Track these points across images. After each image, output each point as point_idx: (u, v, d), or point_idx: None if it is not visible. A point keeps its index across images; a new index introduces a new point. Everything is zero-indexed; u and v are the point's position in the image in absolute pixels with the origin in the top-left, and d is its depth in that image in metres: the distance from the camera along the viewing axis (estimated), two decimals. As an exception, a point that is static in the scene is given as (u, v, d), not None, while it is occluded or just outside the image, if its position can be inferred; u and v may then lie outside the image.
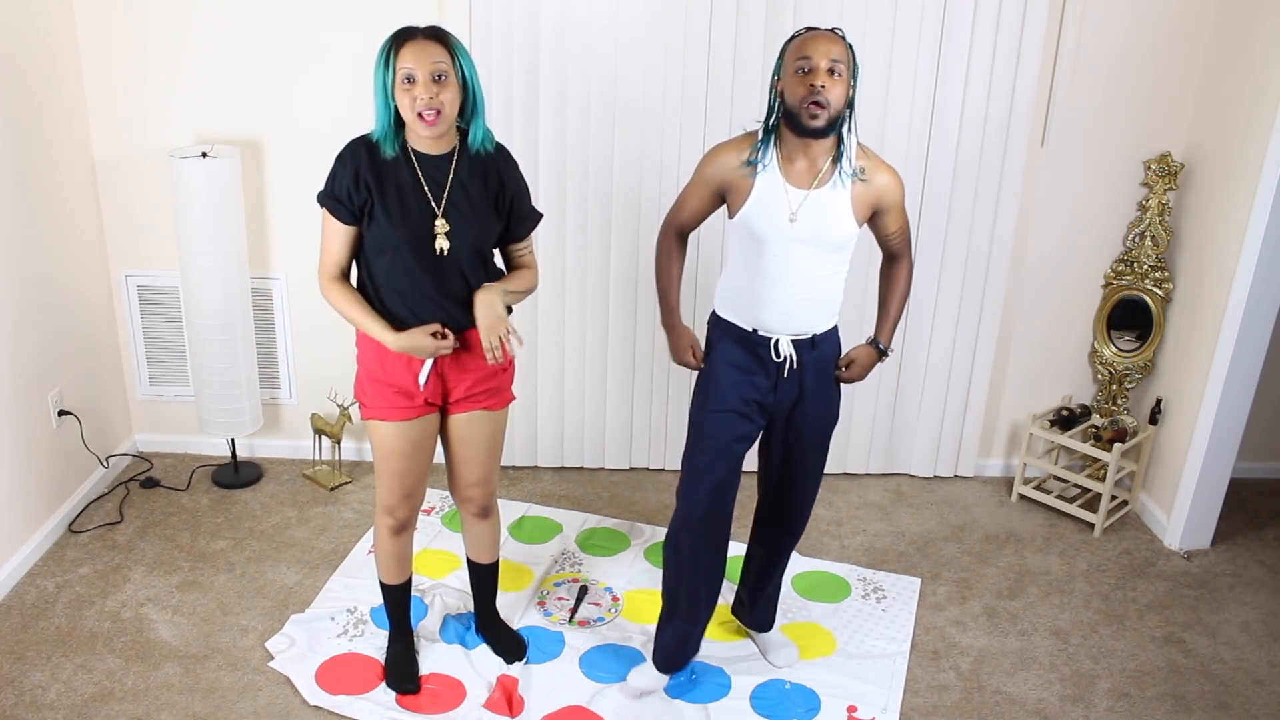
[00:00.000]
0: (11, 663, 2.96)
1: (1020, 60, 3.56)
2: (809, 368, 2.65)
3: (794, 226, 2.50)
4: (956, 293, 3.85)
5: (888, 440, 4.10)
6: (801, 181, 2.50)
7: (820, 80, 2.37)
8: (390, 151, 2.45)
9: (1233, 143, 3.49)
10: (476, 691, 2.90)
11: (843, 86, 2.40)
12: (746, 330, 2.63)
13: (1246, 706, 2.98)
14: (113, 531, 3.60)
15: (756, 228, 2.52)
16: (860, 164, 2.52)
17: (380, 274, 2.50)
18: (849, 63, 2.41)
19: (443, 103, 2.37)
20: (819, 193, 2.50)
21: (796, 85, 2.40)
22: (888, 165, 2.58)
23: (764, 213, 2.51)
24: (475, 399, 2.65)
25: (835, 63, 2.38)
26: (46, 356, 3.50)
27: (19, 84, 3.28)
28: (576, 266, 3.80)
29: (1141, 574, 3.59)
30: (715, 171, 2.58)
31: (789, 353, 2.62)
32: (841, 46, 2.40)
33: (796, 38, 2.45)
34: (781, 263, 2.53)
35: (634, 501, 3.92)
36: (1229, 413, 3.54)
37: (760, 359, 2.63)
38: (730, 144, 2.59)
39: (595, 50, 3.54)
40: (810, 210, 2.50)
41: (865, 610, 3.32)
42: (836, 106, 2.40)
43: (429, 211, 2.46)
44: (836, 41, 2.41)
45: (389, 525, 2.77)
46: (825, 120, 2.40)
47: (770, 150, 2.52)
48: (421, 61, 2.34)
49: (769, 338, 2.61)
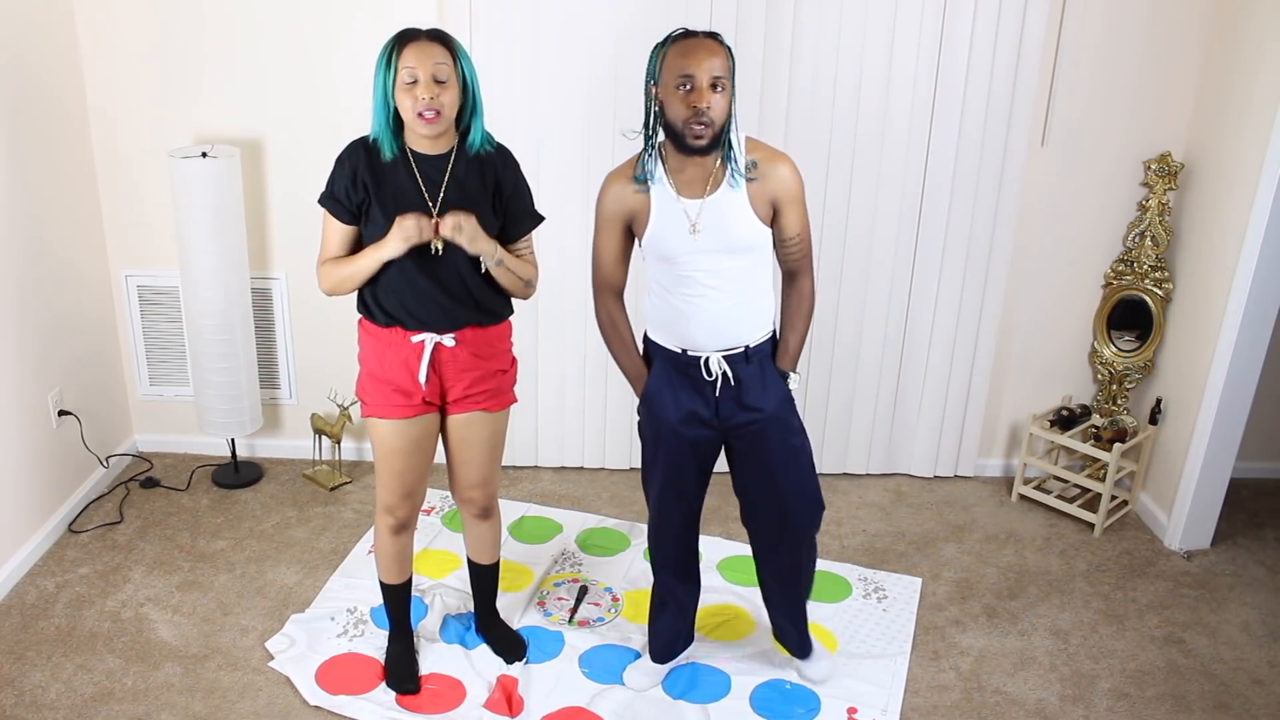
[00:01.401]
0: (11, 663, 2.96)
1: (1020, 60, 3.56)
2: (747, 382, 2.54)
3: (697, 238, 2.41)
4: (956, 292, 3.85)
5: (888, 440, 4.10)
6: (694, 191, 2.41)
7: (704, 101, 2.27)
8: (388, 153, 2.46)
9: (1233, 143, 3.49)
10: (476, 691, 2.90)
11: (726, 99, 2.30)
12: (676, 352, 2.55)
13: (1246, 706, 2.98)
14: (113, 531, 3.60)
15: (661, 247, 2.45)
16: (752, 158, 2.41)
17: (379, 272, 2.51)
18: (730, 71, 2.31)
19: (443, 103, 2.38)
20: (714, 198, 2.40)
21: (678, 104, 2.29)
22: (783, 155, 2.45)
23: (665, 230, 2.43)
24: (474, 400, 2.65)
25: (718, 78, 2.27)
26: (47, 356, 3.50)
27: (19, 84, 3.28)
28: (577, 266, 3.80)
29: (1141, 574, 3.59)
30: (614, 206, 2.48)
31: (720, 369, 2.52)
32: (723, 57, 2.29)
33: (673, 41, 2.32)
34: (695, 276, 2.44)
35: (634, 501, 3.91)
36: (1229, 413, 3.54)
37: (693, 379, 2.55)
38: (615, 173, 2.49)
39: (596, 51, 3.54)
40: (709, 218, 2.40)
41: (866, 610, 3.32)
42: (720, 121, 2.31)
43: (424, 211, 2.46)
44: (718, 52, 2.29)
45: (389, 525, 2.77)
46: (710, 138, 2.31)
47: (657, 163, 2.42)
48: (424, 62, 2.35)
49: (698, 356, 2.52)
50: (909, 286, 3.85)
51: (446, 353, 2.57)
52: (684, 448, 2.62)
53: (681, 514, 2.74)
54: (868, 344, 3.92)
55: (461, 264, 2.51)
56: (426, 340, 2.55)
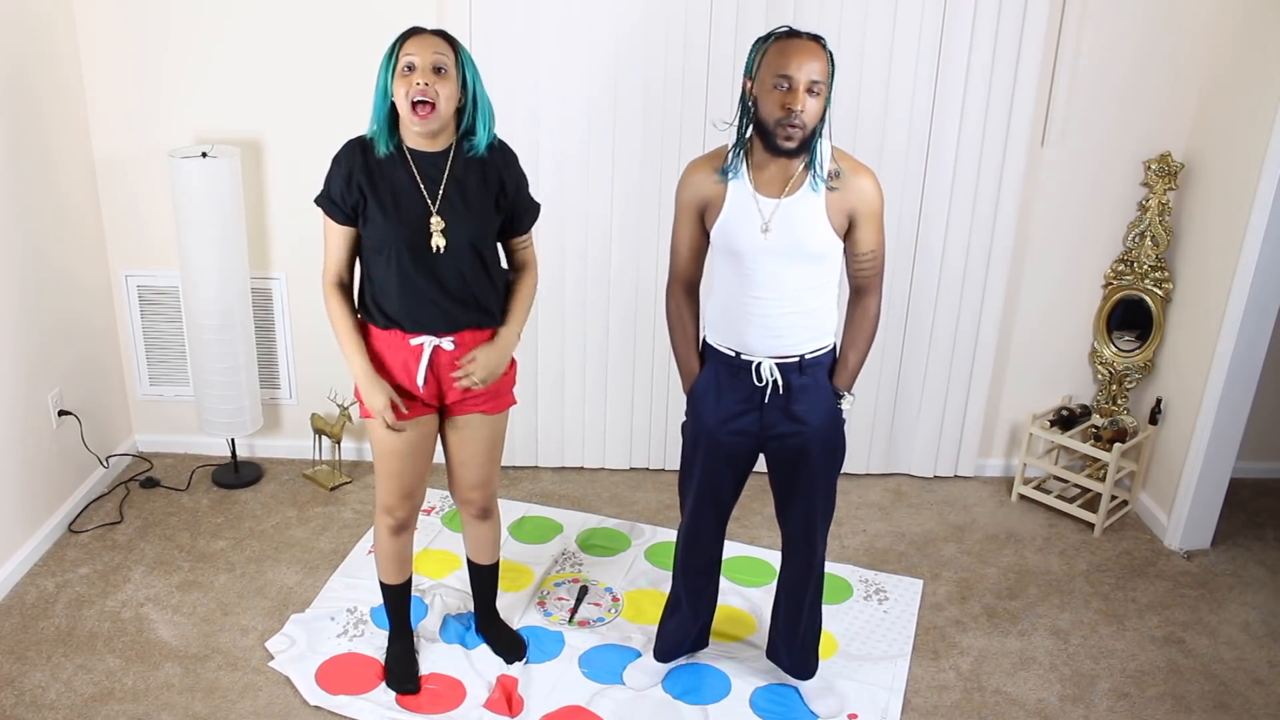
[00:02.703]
0: (11, 663, 2.96)
1: (1020, 60, 3.56)
2: (797, 392, 2.52)
3: (767, 237, 2.39)
4: (957, 293, 3.85)
5: (888, 440, 4.10)
6: (772, 190, 2.39)
7: (799, 104, 2.25)
8: (384, 149, 2.45)
9: (1233, 143, 3.49)
10: (476, 691, 2.90)
11: (820, 104, 2.28)
12: (730, 355, 2.53)
13: (1246, 706, 2.98)
14: (113, 531, 3.60)
15: (730, 240, 2.44)
16: (834, 168, 2.39)
17: (378, 273, 2.51)
18: (829, 76, 2.28)
19: (438, 94, 2.36)
20: (790, 200, 2.38)
21: (772, 103, 2.27)
22: (868, 169, 2.43)
23: (736, 224, 2.42)
24: (473, 402, 2.65)
25: (815, 82, 2.25)
26: (47, 356, 3.50)
27: (20, 84, 3.28)
28: (577, 267, 3.80)
29: (1141, 574, 3.59)
30: (691, 192, 2.48)
31: (772, 377, 2.50)
32: (823, 61, 2.26)
33: (776, 39, 2.29)
34: (758, 276, 2.42)
35: (634, 501, 3.91)
36: (1229, 413, 3.54)
37: (744, 385, 2.53)
38: (700, 161, 2.50)
39: (596, 52, 3.54)
40: (783, 220, 2.39)
41: (867, 612, 3.32)
42: (812, 125, 2.29)
43: (424, 209, 2.46)
44: (819, 56, 2.26)
45: (388, 525, 2.77)
46: (799, 141, 2.29)
47: (742, 162, 2.41)
48: (424, 51, 2.35)
49: (751, 361, 2.51)
50: (909, 286, 3.85)
51: (445, 356, 2.57)
52: (721, 453, 2.61)
53: (716, 516, 2.74)
54: (868, 344, 3.92)
55: (463, 263, 2.51)
56: (425, 343, 2.55)
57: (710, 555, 2.82)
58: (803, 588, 2.79)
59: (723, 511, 2.76)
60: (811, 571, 2.77)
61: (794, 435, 2.56)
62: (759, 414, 2.55)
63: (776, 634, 2.92)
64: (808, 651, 2.88)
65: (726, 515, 2.77)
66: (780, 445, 2.58)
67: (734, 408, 2.56)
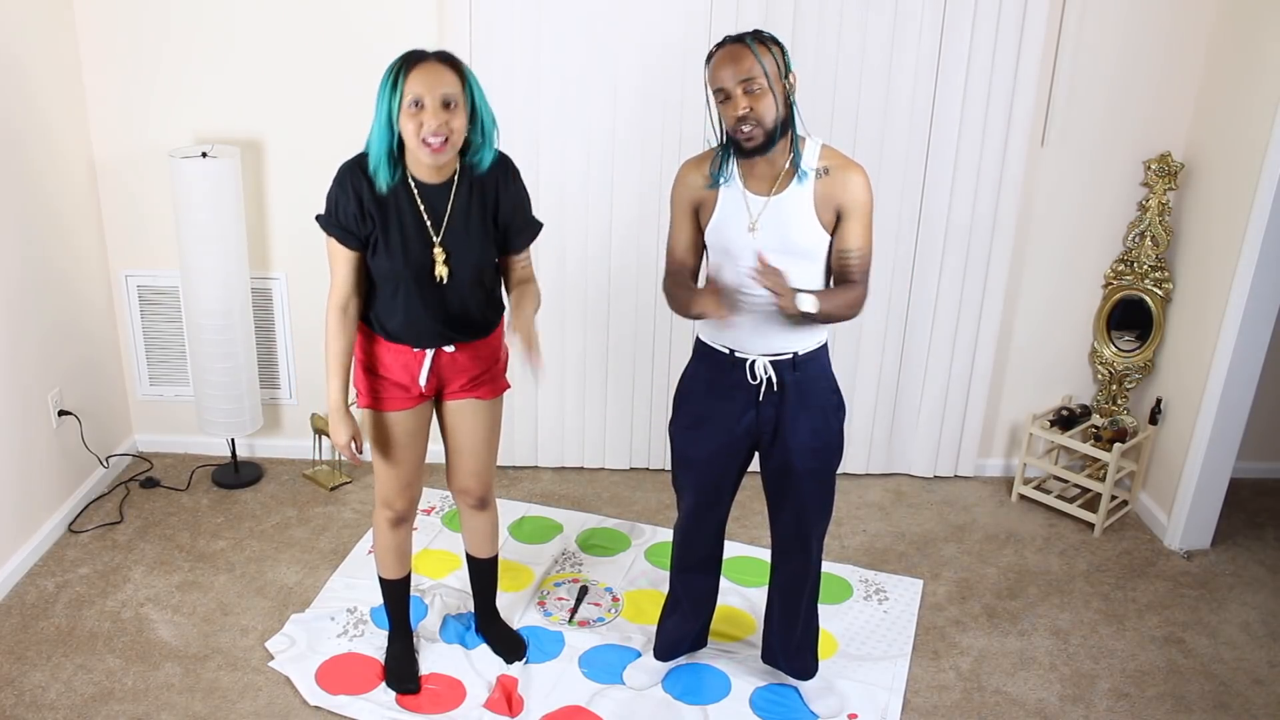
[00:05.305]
0: (11, 663, 2.96)
1: (1020, 60, 3.56)
2: (791, 389, 2.53)
3: (755, 235, 2.41)
4: (956, 293, 3.85)
5: (887, 440, 4.10)
6: (761, 188, 2.42)
7: (740, 107, 2.29)
8: (385, 183, 2.38)
9: (1233, 143, 3.49)
10: (476, 691, 2.90)
11: (768, 96, 2.29)
12: (724, 352, 2.54)
13: (1246, 706, 2.98)
14: (113, 531, 3.60)
15: (721, 240, 2.46)
16: (825, 164, 2.40)
17: (384, 298, 2.52)
18: (776, 63, 2.30)
19: (452, 130, 2.31)
20: (779, 198, 2.41)
21: (724, 115, 2.34)
22: (857, 165, 2.43)
23: (726, 225, 2.45)
24: (469, 388, 2.67)
25: (748, 80, 2.27)
26: (46, 356, 3.50)
27: (19, 84, 3.28)
28: (577, 267, 3.80)
29: (1141, 574, 3.59)
30: (684, 192, 2.51)
31: (765, 374, 2.51)
32: (750, 58, 2.27)
33: (710, 57, 2.35)
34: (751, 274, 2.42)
35: (634, 501, 3.92)
36: (1229, 413, 3.54)
37: (737, 382, 2.54)
38: (692, 162, 2.53)
39: (596, 55, 3.54)
40: (771, 217, 2.41)
41: (867, 613, 3.32)
42: (769, 118, 2.30)
43: (428, 241, 2.44)
44: (742, 55, 2.28)
45: (388, 518, 2.78)
46: (762, 136, 2.31)
47: (731, 163, 2.44)
48: (430, 87, 2.28)
49: (745, 359, 2.52)
50: (909, 286, 3.85)
51: (446, 357, 2.59)
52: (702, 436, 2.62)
53: (715, 518, 2.75)
54: (867, 343, 3.92)
55: (466, 290, 2.51)
56: (428, 350, 2.57)
57: (704, 552, 2.82)
58: (799, 591, 2.78)
59: (722, 514, 2.75)
60: (808, 575, 2.76)
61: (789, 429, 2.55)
62: (755, 413, 2.56)
63: (772, 637, 2.91)
64: (806, 653, 2.88)
65: (722, 513, 2.76)
66: (775, 442, 2.59)
67: (726, 412, 2.57)
